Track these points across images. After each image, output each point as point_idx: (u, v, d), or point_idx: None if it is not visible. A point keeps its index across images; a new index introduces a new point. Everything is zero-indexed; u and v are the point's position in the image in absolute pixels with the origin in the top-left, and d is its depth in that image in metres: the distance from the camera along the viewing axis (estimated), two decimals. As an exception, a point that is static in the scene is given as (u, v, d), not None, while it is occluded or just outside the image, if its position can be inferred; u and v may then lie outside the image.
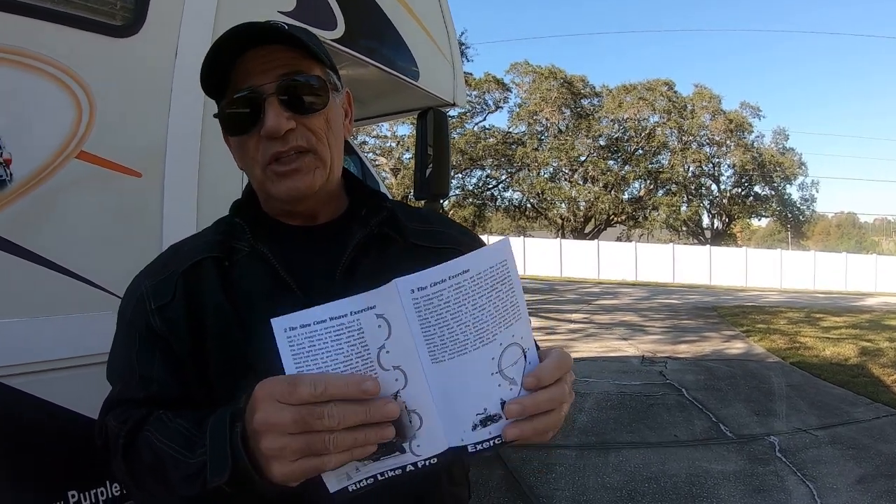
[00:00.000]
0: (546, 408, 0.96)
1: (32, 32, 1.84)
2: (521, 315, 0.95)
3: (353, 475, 0.93)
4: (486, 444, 0.94)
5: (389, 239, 1.31)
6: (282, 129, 1.16)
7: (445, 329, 0.89)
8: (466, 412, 0.93)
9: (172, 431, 1.06)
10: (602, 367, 10.37)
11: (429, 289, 0.88)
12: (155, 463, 1.05)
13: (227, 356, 1.17)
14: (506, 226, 52.06)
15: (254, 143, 1.20)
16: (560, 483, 5.31)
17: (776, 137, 50.39)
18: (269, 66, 1.18)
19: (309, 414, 0.86)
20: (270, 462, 0.90)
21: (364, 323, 0.88)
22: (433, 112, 3.97)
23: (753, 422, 7.19)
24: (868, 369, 10.05)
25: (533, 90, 45.60)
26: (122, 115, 2.06)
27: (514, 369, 0.94)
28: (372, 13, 3.39)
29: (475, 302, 0.89)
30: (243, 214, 1.30)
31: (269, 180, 1.22)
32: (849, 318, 17.80)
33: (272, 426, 0.88)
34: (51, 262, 1.88)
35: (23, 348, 1.82)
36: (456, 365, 0.91)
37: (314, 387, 0.85)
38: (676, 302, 23.63)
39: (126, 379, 1.21)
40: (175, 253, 1.32)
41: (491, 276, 0.90)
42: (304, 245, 1.30)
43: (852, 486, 5.30)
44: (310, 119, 1.21)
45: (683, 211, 47.59)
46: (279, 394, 0.88)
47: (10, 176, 1.78)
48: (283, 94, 1.18)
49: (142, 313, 1.22)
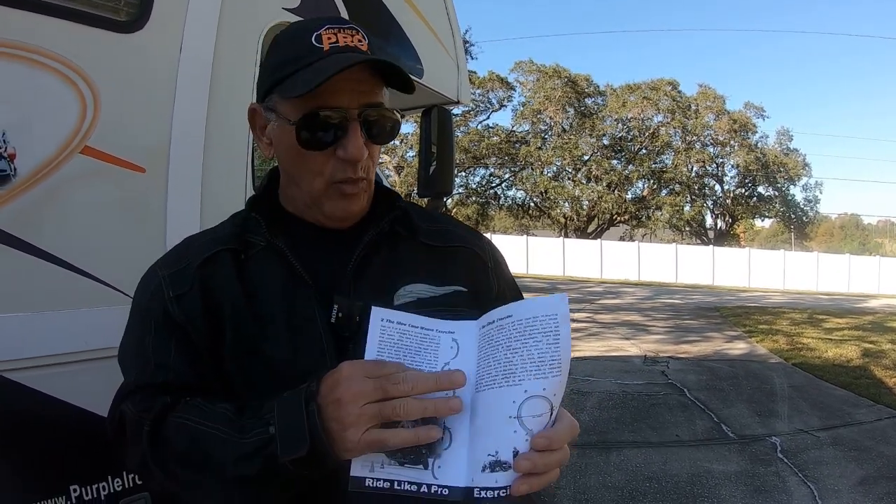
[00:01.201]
0: (552, 468, 0.99)
1: (37, 27, 1.84)
2: (559, 373, 0.97)
3: (376, 468, 0.98)
4: (491, 492, 0.96)
5: (400, 237, 1.34)
6: (363, 156, 1.20)
7: (486, 361, 1.00)
8: (481, 450, 0.97)
9: (216, 414, 1.09)
10: (604, 366, 10.37)
11: (486, 327, 1.02)
12: (191, 448, 1.09)
13: (243, 349, 1.19)
14: (509, 224, 52.02)
15: (323, 159, 1.22)
16: (562, 482, 5.30)
17: (780, 138, 50.37)
18: (356, 87, 1.19)
19: (387, 380, 0.96)
20: (347, 429, 0.96)
21: (442, 341, 1.03)
22: (437, 110, 3.96)
23: (755, 422, 7.20)
24: (870, 371, 10.05)
25: (537, 89, 45.58)
26: (127, 110, 2.06)
27: (535, 421, 0.97)
28: (376, 10, 3.39)
29: (509, 344, 0.97)
30: (259, 209, 1.31)
31: (327, 196, 1.26)
32: (851, 320, 17.78)
33: (357, 394, 0.96)
34: (54, 256, 1.88)
35: (25, 343, 1.82)
36: (485, 397, 0.99)
37: (405, 381, 0.97)
38: (679, 302, 23.63)
39: (141, 367, 1.22)
40: (191, 244, 1.33)
41: (531, 325, 0.97)
42: (319, 241, 1.31)
43: (854, 487, 5.30)
44: (374, 149, 1.26)
45: (687, 211, 47.59)
46: (366, 370, 0.98)
47: (15, 171, 1.78)
48: (367, 123, 1.21)
49: (159, 302, 1.23)
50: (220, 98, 2.32)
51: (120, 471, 2.01)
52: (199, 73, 2.26)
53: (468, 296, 1.33)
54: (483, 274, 1.41)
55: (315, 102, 1.17)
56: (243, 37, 2.45)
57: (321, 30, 1.19)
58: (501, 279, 1.46)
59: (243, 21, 2.44)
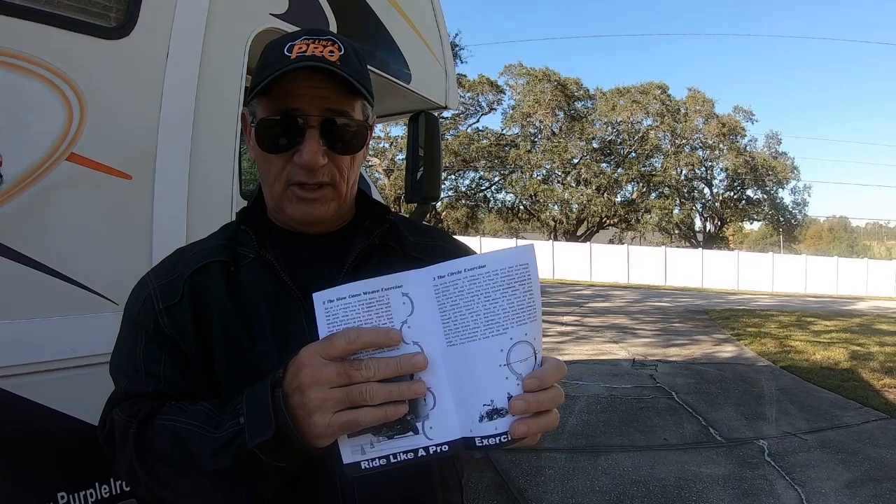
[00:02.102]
0: (547, 406, 1.02)
1: (24, 34, 1.85)
2: (536, 317, 1.01)
3: (367, 450, 0.99)
4: (493, 439, 0.99)
5: (390, 249, 1.36)
6: (318, 164, 1.21)
7: (458, 315, 0.98)
8: (475, 401, 0.99)
9: (195, 412, 1.12)
10: (593, 369, 10.39)
11: (447, 277, 0.98)
12: (173, 447, 1.10)
13: (233, 360, 1.21)
14: (498, 227, 52.05)
15: (282, 162, 1.24)
16: (549, 486, 5.32)
17: (769, 141, 50.72)
18: (318, 93, 1.20)
19: (349, 366, 0.96)
20: (313, 414, 0.97)
21: (392, 299, 0.99)
22: (425, 115, 3.98)
23: (743, 425, 7.22)
24: (858, 373, 10.10)
25: (527, 92, 45.68)
26: (113, 117, 2.07)
27: (522, 365, 1.00)
28: (364, 16, 3.40)
29: (488, 295, 0.97)
30: (249, 221, 1.33)
31: (287, 199, 1.27)
32: (839, 322, 17.86)
33: (318, 379, 0.97)
34: (40, 263, 1.88)
35: (11, 350, 1.82)
36: (467, 350, 0.98)
37: (347, 336, 0.97)
38: (668, 305, 23.68)
39: (132, 376, 1.23)
40: (182, 255, 1.34)
41: (508, 275, 0.98)
42: (308, 253, 1.33)
43: (841, 490, 5.33)
44: (340, 158, 1.25)
45: (676, 214, 47.69)
46: (320, 350, 0.98)
47: (1, 178, 1.78)
48: (326, 130, 1.22)
49: (149, 312, 1.25)
50: (206, 105, 2.32)
51: (107, 477, 2.01)
52: (186, 79, 2.27)
53: None
54: None
55: (276, 106, 1.21)
56: (230, 43, 2.45)
57: (297, 41, 1.22)
58: None
59: (230, 27, 2.44)
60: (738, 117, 47.65)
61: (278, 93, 1.20)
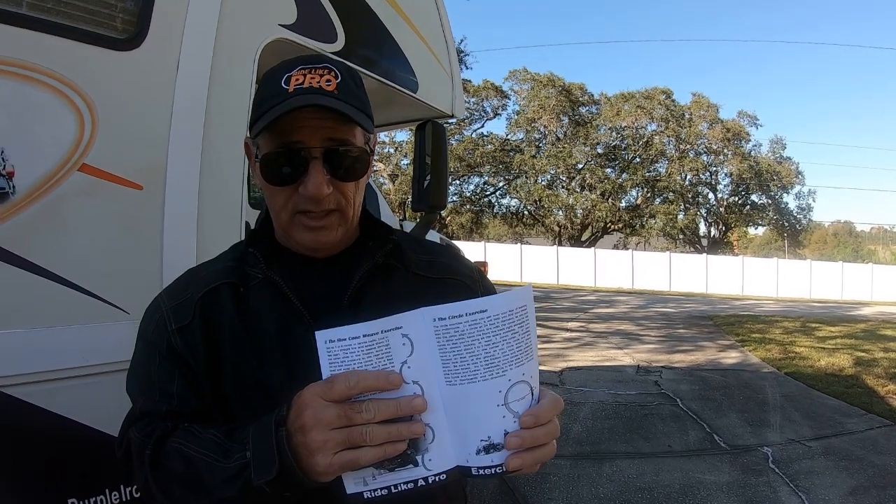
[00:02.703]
0: (542, 441, 1.06)
1: (36, 45, 1.86)
2: (533, 356, 1.05)
3: (369, 482, 1.04)
4: (489, 469, 1.04)
5: (394, 269, 1.38)
6: (323, 194, 1.23)
7: (459, 357, 1.01)
8: (472, 437, 1.04)
9: (206, 441, 1.15)
10: (597, 376, 10.38)
11: (447, 320, 1.00)
12: (187, 471, 1.14)
13: (242, 380, 1.25)
14: (503, 233, 52.13)
15: (287, 193, 1.26)
16: (554, 493, 5.32)
17: (773, 146, 50.70)
18: (318, 124, 1.22)
19: (350, 409, 1.00)
20: (315, 455, 1.01)
21: (391, 340, 1.02)
22: (431, 124, 3.99)
23: (747, 432, 7.21)
24: (862, 380, 10.07)
25: (531, 97, 45.78)
26: (124, 128, 2.08)
27: (519, 404, 1.04)
28: (372, 26, 3.42)
29: (489, 339, 1.00)
30: (257, 243, 1.36)
31: (294, 227, 1.30)
32: (844, 328, 17.81)
33: (319, 421, 1.00)
34: (52, 273, 1.90)
35: (24, 359, 1.83)
36: (466, 391, 1.02)
37: (348, 381, 1.00)
38: (672, 311, 23.65)
39: (147, 394, 1.28)
40: (194, 276, 1.38)
41: (508, 318, 1.01)
42: (315, 274, 1.36)
43: (844, 497, 5.32)
44: (345, 185, 1.28)
45: (680, 219, 47.71)
46: (322, 392, 1.01)
47: (14, 188, 1.80)
48: (328, 160, 1.24)
49: (162, 333, 1.29)
50: (216, 115, 2.34)
51: (118, 484, 2.03)
52: (196, 90, 2.29)
53: None
54: None
55: (279, 140, 1.24)
56: (240, 54, 2.47)
57: (293, 71, 1.24)
58: None
59: (240, 38, 2.46)
60: (743, 122, 47.73)
61: (279, 127, 1.22)
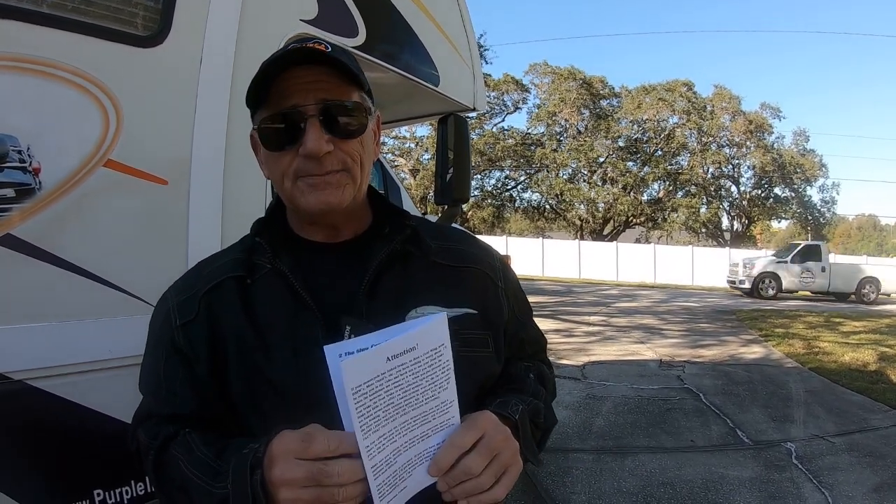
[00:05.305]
0: (463, 479, 1.08)
1: (60, 43, 1.88)
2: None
3: None
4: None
5: (411, 256, 1.34)
6: (322, 150, 1.21)
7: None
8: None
9: (197, 461, 1.15)
10: (620, 370, 10.34)
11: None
12: (182, 484, 1.15)
13: (247, 373, 1.23)
14: (524, 227, 52.04)
15: (289, 159, 1.24)
16: (576, 487, 5.32)
17: (796, 139, 49.99)
18: (310, 86, 1.22)
19: (319, 472, 0.99)
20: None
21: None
22: (454, 117, 3.99)
23: (770, 428, 7.15)
24: (887, 376, 9.93)
25: (552, 91, 45.58)
26: (149, 123, 2.10)
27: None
28: (393, 20, 3.42)
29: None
30: (265, 233, 1.34)
31: (298, 192, 1.26)
32: (868, 323, 17.57)
33: (287, 480, 1.00)
34: (79, 267, 1.92)
35: (51, 352, 1.86)
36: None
37: (328, 443, 0.98)
38: (695, 305, 23.49)
39: (155, 392, 1.29)
40: (200, 271, 1.37)
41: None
42: (326, 262, 1.33)
43: (868, 494, 5.26)
44: (347, 143, 1.25)
45: (703, 213, 47.35)
46: (294, 451, 1.01)
47: (40, 184, 1.82)
48: (324, 117, 1.22)
49: (168, 329, 1.29)
50: (240, 110, 2.34)
51: (143, 476, 2.05)
52: (219, 85, 2.30)
53: (478, 318, 1.34)
54: (493, 295, 1.42)
55: (274, 108, 1.24)
56: (262, 49, 2.48)
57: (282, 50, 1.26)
58: (512, 299, 1.47)
59: (261, 33, 2.47)
60: (766, 114, 47.14)
61: (274, 97, 1.23)
